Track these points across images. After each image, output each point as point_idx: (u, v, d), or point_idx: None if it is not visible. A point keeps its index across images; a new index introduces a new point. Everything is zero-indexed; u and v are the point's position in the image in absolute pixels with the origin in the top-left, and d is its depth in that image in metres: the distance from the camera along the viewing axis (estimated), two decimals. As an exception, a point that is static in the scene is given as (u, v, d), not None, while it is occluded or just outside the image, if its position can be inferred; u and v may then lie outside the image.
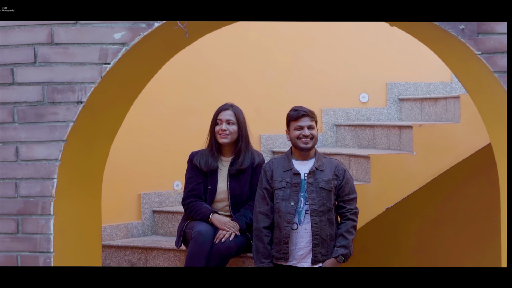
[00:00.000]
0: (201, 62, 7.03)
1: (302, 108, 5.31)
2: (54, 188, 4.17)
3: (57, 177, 4.17)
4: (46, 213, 4.18)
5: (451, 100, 6.84)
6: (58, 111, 4.17)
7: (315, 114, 5.38)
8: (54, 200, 4.18)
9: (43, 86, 4.19)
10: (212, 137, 5.64)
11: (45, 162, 4.18)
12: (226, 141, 5.57)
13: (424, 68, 7.66)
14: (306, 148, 5.26)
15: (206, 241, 5.41)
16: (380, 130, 7.06)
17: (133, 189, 6.74)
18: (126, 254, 6.27)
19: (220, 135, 5.58)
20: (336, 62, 7.54)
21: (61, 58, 4.17)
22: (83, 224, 4.44)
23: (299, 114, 5.27)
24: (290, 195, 5.27)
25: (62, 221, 4.24)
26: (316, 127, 5.34)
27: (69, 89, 4.17)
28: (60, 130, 4.17)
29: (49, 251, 4.17)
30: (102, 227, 6.02)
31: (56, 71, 4.17)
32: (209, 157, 5.61)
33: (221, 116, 5.61)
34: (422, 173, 6.39)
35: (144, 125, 6.75)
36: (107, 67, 4.14)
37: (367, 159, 6.42)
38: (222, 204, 5.70)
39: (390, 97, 7.64)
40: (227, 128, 5.55)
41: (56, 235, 4.19)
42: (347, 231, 5.29)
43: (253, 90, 7.26)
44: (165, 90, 6.84)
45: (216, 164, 5.59)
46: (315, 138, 5.29)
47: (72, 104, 4.17)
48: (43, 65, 4.18)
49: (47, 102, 4.19)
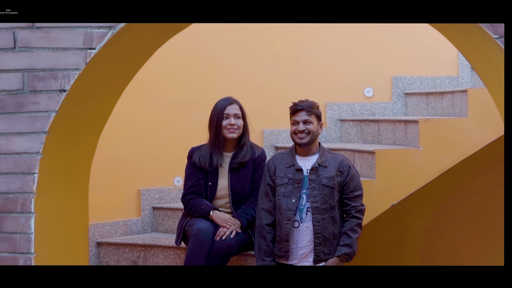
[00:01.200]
0: (202, 55, 6.84)
1: (302, 102, 5.08)
2: (35, 184, 3.86)
3: (38, 172, 3.86)
4: (27, 211, 3.86)
5: (458, 94, 6.61)
6: (40, 101, 3.84)
7: (316, 107, 5.11)
8: (35, 196, 3.86)
9: (23, 73, 3.87)
10: (218, 132, 5.39)
11: (25, 155, 3.87)
12: (235, 135, 5.37)
13: (430, 62, 7.46)
14: (301, 143, 5.05)
15: (207, 238, 5.20)
16: (386, 125, 6.84)
17: (133, 185, 6.51)
18: (125, 251, 6.05)
19: (229, 129, 5.37)
20: (340, 56, 7.36)
21: (42, 43, 3.85)
22: (67, 223, 4.13)
23: (295, 108, 5.06)
24: (292, 192, 5.04)
25: (44, 220, 3.92)
26: (318, 121, 5.10)
27: (51, 77, 3.84)
28: (41, 121, 3.85)
29: (29, 252, 3.86)
30: (100, 224, 6.15)
31: (37, 57, 3.85)
32: (214, 154, 5.40)
33: (229, 111, 5.39)
34: (429, 169, 6.20)
35: (143, 119, 6.55)
36: (92, 52, 3.82)
37: (372, 155, 6.20)
38: (223, 200, 5.48)
39: (396, 91, 7.42)
40: (236, 122, 5.35)
41: (38, 235, 3.87)
42: (351, 229, 5.05)
43: (256, 83, 7.08)
44: (165, 84, 6.66)
45: (222, 161, 5.41)
46: (312, 133, 5.05)
47: (54, 93, 3.84)
48: (23, 50, 3.86)
49: (28, 91, 3.86)
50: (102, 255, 6.12)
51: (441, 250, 6.95)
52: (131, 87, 5.94)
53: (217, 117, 5.41)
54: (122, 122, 6.22)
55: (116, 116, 5.98)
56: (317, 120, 5.09)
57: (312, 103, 5.11)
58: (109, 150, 6.13)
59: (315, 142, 5.12)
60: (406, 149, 6.31)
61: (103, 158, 5.96)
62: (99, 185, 6.01)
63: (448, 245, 6.98)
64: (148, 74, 6.20)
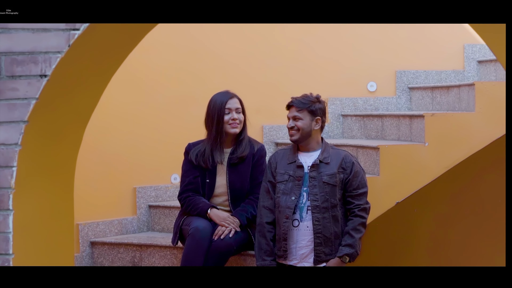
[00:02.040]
0: (200, 49, 6.64)
1: (295, 98, 4.95)
2: (14, 178, 3.58)
3: (17, 165, 3.58)
4: (4, 208, 3.58)
5: (464, 88, 6.40)
6: (18, 87, 3.56)
7: (311, 102, 4.93)
8: (13, 192, 3.59)
9: (0, 57, 3.57)
10: (219, 128, 5.23)
11: (2, 147, 3.58)
12: (238, 130, 5.24)
13: (435, 56, 7.25)
14: (292, 140, 4.95)
15: (204, 237, 5.05)
16: (390, 120, 6.64)
17: (128, 182, 6.32)
18: (120, 251, 5.88)
19: (231, 124, 5.23)
20: (343, 49, 7.16)
21: (21, 23, 3.58)
22: (50, 221, 3.87)
23: (288, 104, 4.97)
24: (292, 189, 4.91)
25: (24, 218, 3.67)
26: (312, 116, 4.92)
27: (30, 60, 3.55)
28: (20, 109, 3.56)
29: (7, 253, 3.60)
30: (94, 223, 6.04)
31: (16, 39, 3.57)
32: (215, 152, 5.26)
33: (230, 105, 5.25)
34: (435, 165, 6.01)
35: (139, 114, 6.36)
36: (76, 33, 3.54)
37: (376, 151, 5.98)
38: (221, 198, 5.32)
39: (400, 85, 7.21)
40: (238, 117, 5.23)
41: (16, 234, 3.61)
42: (354, 228, 4.90)
43: (256, 78, 6.88)
44: (162, 78, 6.47)
45: (223, 158, 5.26)
46: (302, 129, 4.91)
47: (34, 78, 3.55)
48: (0, 32, 3.57)
49: (5, 76, 3.57)
50: (96, 255, 5.95)
51: (448, 249, 6.78)
52: (126, 80, 6.04)
53: (218, 112, 5.24)
54: (117, 117, 6.10)
55: (110, 111, 6.06)
56: (310, 116, 4.91)
57: (307, 98, 4.94)
58: (103, 146, 6.01)
59: (313, 138, 4.95)
60: (412, 144, 6.13)
61: (97, 155, 5.91)
62: (93, 182, 5.92)
63: (455, 244, 6.81)
64: (144, 68, 6.14)
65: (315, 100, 4.92)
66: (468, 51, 7.13)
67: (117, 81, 5.60)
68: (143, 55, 5.90)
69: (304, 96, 4.93)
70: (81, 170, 5.33)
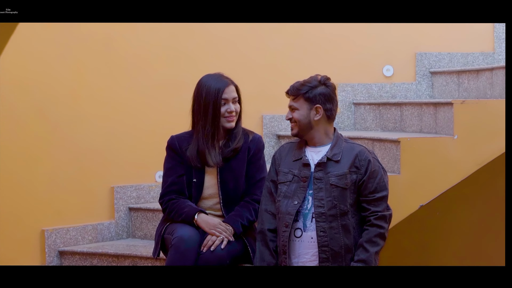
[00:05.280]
0: (191, 26, 5.86)
1: (297, 82, 4.24)
2: None
3: None
4: None
5: (498, 72, 5.56)
6: None
7: (307, 87, 4.21)
8: None
9: None
10: (215, 121, 4.54)
11: None
12: (234, 124, 4.61)
13: (460, 36, 6.43)
14: (291, 134, 4.33)
15: (190, 248, 4.34)
16: (410, 109, 5.75)
17: (105, 181, 5.63)
18: (94, 262, 5.17)
19: (227, 118, 4.56)
20: (354, 27, 6.28)
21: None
22: None
23: (286, 92, 4.32)
24: (295, 192, 4.17)
25: None
26: (311, 105, 4.21)
27: None
28: None
29: None
30: (64, 230, 5.44)
31: None
32: (211, 150, 4.56)
33: (227, 95, 4.54)
34: (465, 162, 5.26)
35: (120, 100, 5.61)
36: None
37: (396, 144, 5.17)
38: (212, 201, 4.59)
39: (420, 70, 6.37)
40: (235, 108, 4.57)
41: None
42: (369, 241, 4.14)
43: (254, 59, 6.10)
44: (147, 58, 5.72)
45: (219, 159, 4.58)
46: (298, 121, 4.22)
47: None
48: None
49: None
50: (65, 266, 5.13)
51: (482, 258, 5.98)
52: (104, 60, 5.41)
53: (213, 102, 4.53)
54: (93, 103, 5.40)
55: (83, 96, 5.37)
56: (307, 104, 4.23)
57: (301, 83, 4.24)
58: (75, 138, 5.31)
59: (318, 130, 4.22)
60: (438, 137, 5.32)
61: (67, 148, 5.21)
62: (63, 181, 5.23)
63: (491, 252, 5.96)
64: (126, 45, 5.45)
65: (317, 84, 4.19)
66: (499, 30, 6.22)
67: (93, 60, 5.22)
68: (125, 30, 5.28)
69: (300, 82, 4.24)
70: (48, 167, 5.00)
